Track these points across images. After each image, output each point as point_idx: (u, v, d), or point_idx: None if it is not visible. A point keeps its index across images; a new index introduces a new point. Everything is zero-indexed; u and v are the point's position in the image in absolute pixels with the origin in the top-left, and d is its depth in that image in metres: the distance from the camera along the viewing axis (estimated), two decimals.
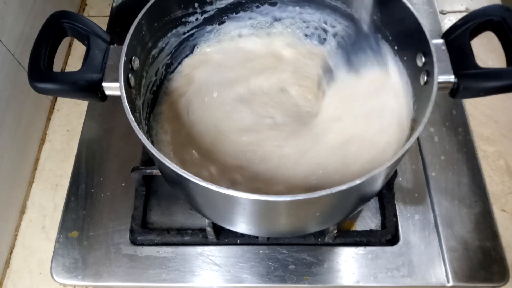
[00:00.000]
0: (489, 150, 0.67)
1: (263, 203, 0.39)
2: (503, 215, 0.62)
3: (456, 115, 0.68)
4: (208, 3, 0.58)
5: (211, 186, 0.37)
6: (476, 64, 0.44)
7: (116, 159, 0.66)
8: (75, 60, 0.81)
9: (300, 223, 0.49)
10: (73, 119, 0.75)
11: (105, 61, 0.46)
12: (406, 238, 0.58)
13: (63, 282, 0.58)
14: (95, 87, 0.45)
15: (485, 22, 0.45)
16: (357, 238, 0.58)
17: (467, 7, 0.83)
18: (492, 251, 0.57)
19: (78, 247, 0.59)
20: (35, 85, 0.44)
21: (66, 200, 0.63)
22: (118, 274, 0.57)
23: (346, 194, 0.39)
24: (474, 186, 0.62)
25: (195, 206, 0.52)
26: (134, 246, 0.59)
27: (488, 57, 0.71)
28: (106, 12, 0.84)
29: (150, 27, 0.51)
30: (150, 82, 0.56)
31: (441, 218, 0.60)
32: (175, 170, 0.38)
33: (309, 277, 0.56)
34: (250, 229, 0.50)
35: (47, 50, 0.45)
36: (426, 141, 0.66)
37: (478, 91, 0.44)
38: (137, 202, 0.62)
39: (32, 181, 0.69)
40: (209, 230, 0.57)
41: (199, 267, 0.58)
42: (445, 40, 0.46)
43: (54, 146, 0.72)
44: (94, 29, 0.47)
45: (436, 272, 0.56)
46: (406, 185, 0.62)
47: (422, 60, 0.47)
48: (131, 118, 0.42)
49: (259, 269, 0.57)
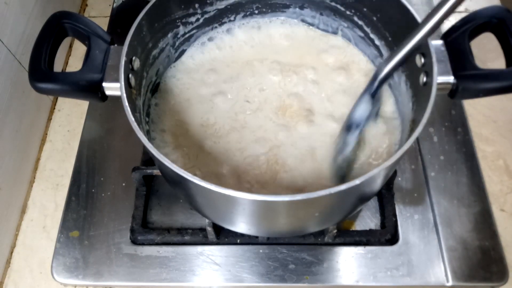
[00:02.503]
0: (488, 150, 0.67)
1: (262, 203, 0.39)
2: (502, 214, 0.62)
3: (455, 115, 0.68)
4: (209, 4, 0.58)
5: (211, 186, 0.37)
6: (475, 65, 0.44)
7: (117, 159, 0.66)
8: (75, 60, 0.82)
9: (299, 223, 0.50)
10: (74, 119, 0.75)
11: (106, 62, 0.46)
12: (406, 237, 0.59)
13: (64, 281, 0.58)
14: (95, 87, 0.45)
15: (485, 23, 0.45)
16: (357, 238, 0.59)
17: (467, 7, 0.83)
18: (491, 251, 0.57)
19: (78, 247, 0.59)
20: (35, 85, 0.45)
21: (67, 200, 0.63)
22: (118, 274, 0.57)
23: (345, 194, 0.39)
24: (473, 186, 0.62)
25: (195, 206, 0.52)
26: (134, 246, 0.59)
27: (487, 58, 0.71)
28: (107, 12, 0.84)
29: (150, 27, 0.52)
30: (150, 82, 0.56)
31: (441, 217, 0.60)
32: (175, 170, 0.39)
33: (309, 276, 0.56)
34: (249, 229, 0.50)
35: (47, 50, 0.46)
36: (426, 141, 0.66)
37: (477, 92, 0.45)
38: (137, 202, 0.62)
39: (33, 181, 0.69)
40: (209, 229, 0.57)
41: (199, 266, 0.58)
42: (444, 41, 0.46)
43: (55, 146, 0.72)
44: (94, 29, 0.48)
45: (435, 271, 0.56)
46: (406, 185, 0.63)
47: (421, 61, 0.47)
48: (131, 118, 0.42)
49: (259, 268, 0.57)
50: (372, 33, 0.56)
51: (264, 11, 0.62)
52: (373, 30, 0.56)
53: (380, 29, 0.55)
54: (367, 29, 0.57)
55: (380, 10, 0.53)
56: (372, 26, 0.56)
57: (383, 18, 0.54)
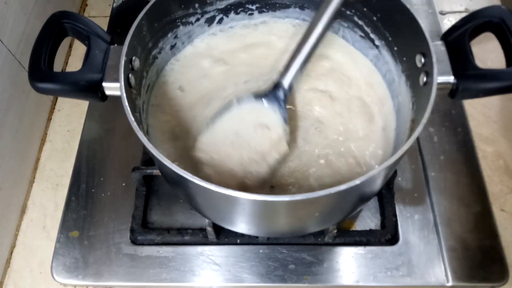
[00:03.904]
0: (488, 150, 0.67)
1: (262, 203, 0.39)
2: (502, 214, 0.62)
3: (455, 115, 0.68)
4: (209, 4, 0.58)
5: (211, 186, 0.37)
6: (475, 65, 0.44)
7: (117, 159, 0.66)
8: (75, 60, 0.82)
9: (299, 223, 0.49)
10: (73, 119, 0.75)
11: (106, 61, 0.46)
12: (406, 237, 0.59)
13: (64, 281, 0.58)
14: (95, 87, 0.45)
15: (485, 23, 0.45)
16: (357, 238, 0.58)
17: (467, 7, 0.83)
18: (491, 251, 0.57)
19: (78, 247, 0.59)
20: (35, 85, 0.45)
21: (66, 200, 0.63)
22: (118, 274, 0.57)
23: (345, 194, 0.39)
24: (474, 186, 0.62)
25: (195, 206, 0.52)
26: (134, 246, 0.59)
27: (487, 57, 0.71)
28: (107, 12, 0.84)
29: (150, 27, 0.52)
30: (150, 82, 0.56)
31: (441, 217, 0.60)
32: (175, 170, 0.38)
33: (309, 276, 0.56)
34: (249, 229, 0.50)
35: (47, 50, 0.46)
36: (426, 141, 0.66)
37: (477, 92, 0.45)
38: (137, 202, 0.62)
39: (33, 181, 0.69)
40: (209, 229, 0.57)
41: (199, 266, 0.58)
42: (444, 41, 0.46)
43: (55, 146, 0.72)
44: (94, 29, 0.48)
45: (435, 271, 0.56)
46: (406, 185, 0.63)
47: (421, 61, 0.47)
48: (131, 118, 0.42)
49: (259, 268, 0.57)
50: (372, 33, 0.56)
51: (264, 11, 0.62)
52: (373, 30, 0.56)
53: (380, 29, 0.55)
54: (367, 29, 0.57)
55: (380, 10, 0.53)
56: (372, 26, 0.56)
57: (383, 18, 0.53)
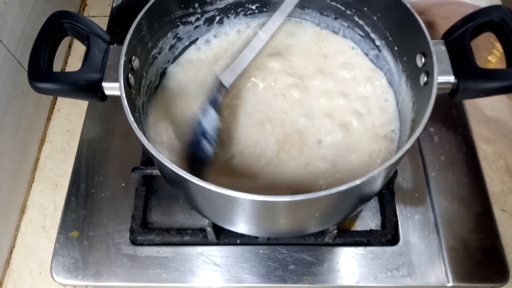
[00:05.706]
0: (489, 150, 0.67)
1: (262, 203, 0.39)
2: (503, 215, 0.62)
3: (456, 115, 0.68)
4: (208, 3, 0.58)
5: (211, 186, 0.37)
6: (476, 65, 0.44)
7: (116, 159, 0.66)
8: (75, 60, 0.82)
9: (299, 223, 0.49)
10: (73, 119, 0.75)
11: (105, 61, 0.46)
12: (406, 238, 0.58)
13: (63, 282, 0.58)
14: (95, 87, 0.45)
15: (485, 22, 0.45)
16: (357, 238, 0.58)
17: None
18: (492, 251, 0.57)
19: (78, 247, 0.59)
20: (35, 85, 0.44)
21: (66, 200, 0.63)
22: (118, 274, 0.57)
23: (345, 194, 0.39)
24: (474, 186, 0.62)
25: (194, 206, 0.52)
26: (134, 246, 0.59)
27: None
28: (106, 12, 0.84)
29: (150, 27, 0.51)
30: (150, 82, 0.56)
31: (441, 218, 0.60)
32: (175, 170, 0.38)
33: (309, 277, 0.56)
34: (249, 229, 0.50)
35: (47, 50, 0.45)
36: (426, 141, 0.66)
37: (478, 91, 0.44)
38: (137, 202, 0.62)
39: (32, 181, 0.69)
40: (209, 230, 0.57)
41: (199, 267, 0.58)
42: (445, 40, 0.46)
43: (54, 146, 0.72)
44: (94, 29, 0.47)
45: (436, 272, 0.56)
46: (406, 185, 0.62)
47: (422, 60, 0.47)
48: (131, 118, 0.42)
49: (259, 269, 0.57)
50: (372, 33, 0.56)
51: (264, 11, 0.62)
52: (374, 30, 0.56)
53: (381, 29, 0.55)
54: (367, 29, 0.57)
55: (380, 10, 0.53)
56: (373, 26, 0.56)
57: (383, 17, 0.53)
